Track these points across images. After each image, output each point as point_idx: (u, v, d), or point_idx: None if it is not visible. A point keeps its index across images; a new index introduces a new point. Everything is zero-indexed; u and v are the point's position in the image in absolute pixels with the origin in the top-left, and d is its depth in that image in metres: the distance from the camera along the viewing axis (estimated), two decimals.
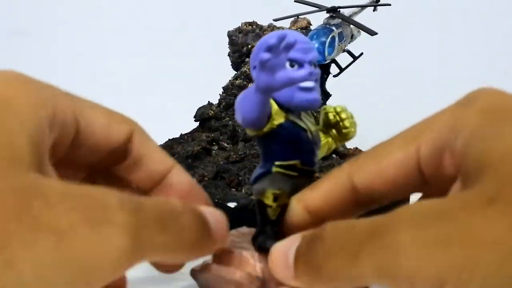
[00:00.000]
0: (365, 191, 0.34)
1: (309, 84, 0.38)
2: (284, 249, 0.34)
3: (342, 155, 0.56)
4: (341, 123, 0.42)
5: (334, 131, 0.42)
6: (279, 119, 0.38)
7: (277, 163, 0.39)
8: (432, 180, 0.33)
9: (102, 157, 0.36)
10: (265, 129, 0.38)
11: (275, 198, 0.38)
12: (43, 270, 0.25)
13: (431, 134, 0.32)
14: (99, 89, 0.90)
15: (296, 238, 0.33)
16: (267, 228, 0.39)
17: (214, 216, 0.34)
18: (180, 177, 0.37)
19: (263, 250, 0.38)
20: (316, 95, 0.38)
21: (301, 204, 0.36)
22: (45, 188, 0.27)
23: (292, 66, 0.38)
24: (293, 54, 0.37)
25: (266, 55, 0.35)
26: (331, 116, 0.43)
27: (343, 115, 0.42)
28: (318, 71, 0.38)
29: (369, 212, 0.35)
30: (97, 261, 0.26)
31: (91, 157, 0.36)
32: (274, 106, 0.38)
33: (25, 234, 0.25)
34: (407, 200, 0.39)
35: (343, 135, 0.43)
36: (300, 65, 0.38)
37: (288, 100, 0.38)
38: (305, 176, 0.39)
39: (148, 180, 0.37)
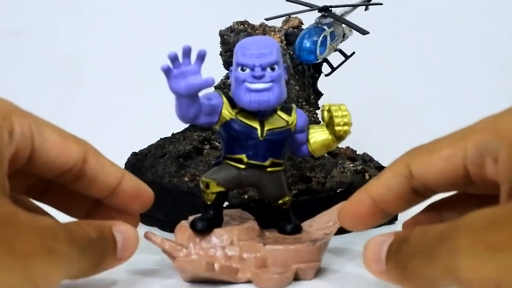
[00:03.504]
0: (419, 179, 0.37)
1: (257, 86, 0.40)
2: (378, 245, 0.37)
3: (333, 154, 0.56)
4: (331, 121, 0.43)
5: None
6: (227, 117, 0.42)
7: (226, 155, 0.43)
8: (476, 179, 0.36)
9: (58, 175, 0.39)
10: (217, 126, 0.42)
11: (207, 185, 0.42)
12: None
13: (475, 136, 0.35)
14: (92, 89, 0.90)
15: (389, 235, 0.37)
16: (205, 212, 0.42)
17: (127, 234, 0.40)
18: (130, 183, 0.41)
19: (194, 230, 0.42)
20: (267, 96, 0.40)
21: (366, 193, 0.39)
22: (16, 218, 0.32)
23: (243, 70, 0.41)
24: (240, 59, 0.41)
25: (163, 66, 0.38)
26: (324, 113, 0.44)
27: (335, 113, 0.43)
28: (275, 73, 0.40)
29: None
30: (49, 283, 0.33)
31: (47, 173, 0.39)
32: (225, 105, 0.42)
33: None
34: None
35: (335, 133, 0.43)
36: (252, 69, 0.40)
37: (238, 100, 0.41)
38: (254, 168, 0.42)
39: (103, 192, 0.40)
